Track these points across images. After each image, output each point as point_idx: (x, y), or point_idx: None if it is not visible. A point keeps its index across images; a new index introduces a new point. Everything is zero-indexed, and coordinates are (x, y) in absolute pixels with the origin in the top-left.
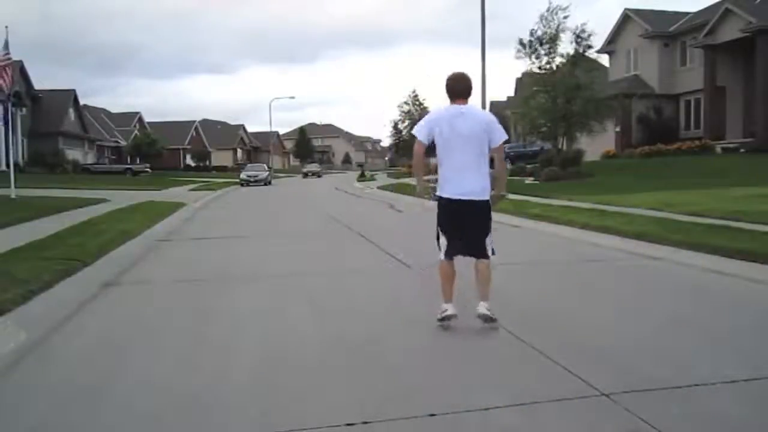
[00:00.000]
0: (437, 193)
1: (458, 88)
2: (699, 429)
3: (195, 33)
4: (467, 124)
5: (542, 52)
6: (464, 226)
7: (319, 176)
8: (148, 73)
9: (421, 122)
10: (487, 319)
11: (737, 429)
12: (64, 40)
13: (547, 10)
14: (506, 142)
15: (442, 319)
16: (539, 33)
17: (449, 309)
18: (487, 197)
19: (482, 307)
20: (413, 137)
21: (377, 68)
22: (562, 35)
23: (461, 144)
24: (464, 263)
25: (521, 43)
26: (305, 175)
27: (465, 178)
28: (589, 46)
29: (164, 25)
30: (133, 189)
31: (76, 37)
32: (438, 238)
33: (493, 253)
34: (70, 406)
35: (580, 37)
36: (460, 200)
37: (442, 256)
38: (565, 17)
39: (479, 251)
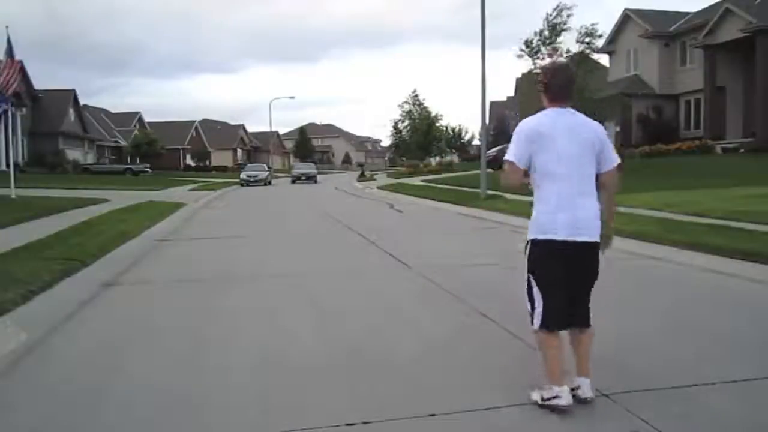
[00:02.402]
0: (532, 236)
1: (561, 81)
2: (699, 429)
3: (197, 32)
4: (582, 134)
5: (545, 51)
6: (574, 280)
7: (315, 181)
8: (150, 73)
9: (514, 138)
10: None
11: (737, 429)
12: (67, 39)
13: (554, 9)
14: (506, 141)
15: (549, 401)
16: (546, 33)
17: (563, 396)
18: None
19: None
20: (413, 137)
21: (379, 68)
22: (565, 35)
23: (576, 163)
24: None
25: (526, 42)
26: (295, 179)
27: (579, 209)
28: (594, 46)
29: (167, 25)
30: (133, 189)
31: (78, 37)
32: (533, 298)
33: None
34: (70, 406)
35: (589, 35)
36: (574, 242)
37: (538, 324)
38: (569, 16)
39: (585, 316)
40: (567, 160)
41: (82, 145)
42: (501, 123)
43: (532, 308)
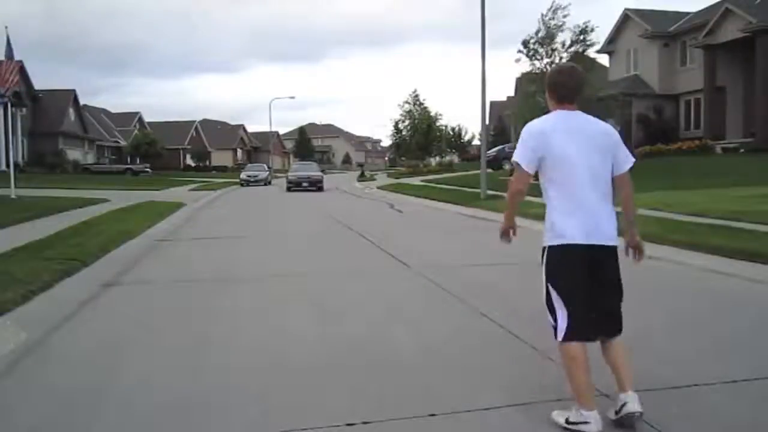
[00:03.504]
0: (548, 242)
1: (568, 83)
2: (699, 429)
3: (199, 32)
4: (593, 136)
5: (543, 52)
6: (597, 286)
7: (318, 187)
8: (151, 73)
9: (521, 140)
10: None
11: (737, 429)
12: (68, 39)
13: (549, 9)
14: (506, 142)
15: (575, 425)
16: (541, 33)
17: (593, 422)
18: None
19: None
20: (413, 137)
21: (380, 67)
22: (561, 34)
23: (587, 165)
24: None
25: (523, 43)
26: (292, 186)
27: (594, 213)
28: (590, 45)
29: (168, 24)
30: (133, 189)
31: (79, 36)
32: (554, 309)
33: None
34: (70, 406)
35: (583, 32)
36: (591, 246)
37: (561, 336)
38: (565, 16)
39: (616, 324)
40: (579, 163)
41: (82, 145)
42: (501, 123)
43: (555, 320)
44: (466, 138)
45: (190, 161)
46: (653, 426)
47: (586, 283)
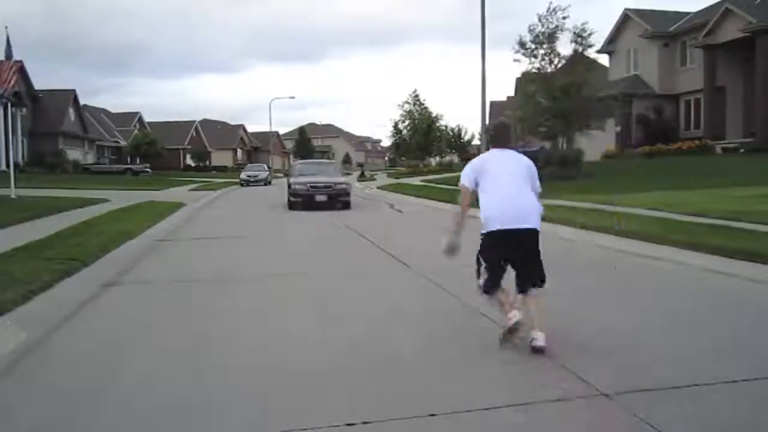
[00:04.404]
0: (482, 231)
1: (500, 135)
2: (699, 429)
3: (199, 32)
4: (515, 165)
5: (541, 52)
6: (520, 256)
7: (344, 203)
8: (151, 73)
9: (466, 169)
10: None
11: (737, 429)
12: (68, 39)
13: (547, 10)
14: None
15: (508, 327)
16: (537, 33)
17: (514, 318)
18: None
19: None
20: (413, 137)
21: (382, 67)
22: (560, 35)
23: (508, 182)
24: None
25: (520, 43)
26: (300, 200)
27: (514, 209)
28: (589, 46)
29: (168, 24)
30: (133, 189)
31: (80, 36)
32: (480, 274)
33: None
34: (70, 406)
35: (580, 36)
36: (509, 230)
37: (483, 290)
38: (564, 18)
39: (536, 279)
40: (501, 175)
41: (82, 145)
42: (501, 122)
43: (479, 279)
44: (466, 138)
45: (190, 161)
46: (653, 426)
47: (500, 255)
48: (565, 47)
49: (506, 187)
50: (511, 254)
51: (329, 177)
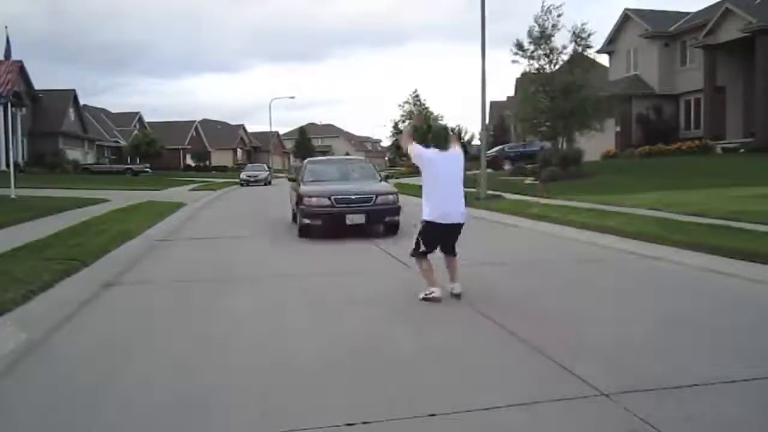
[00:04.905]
0: (424, 218)
1: (438, 139)
2: (699, 429)
3: (200, 32)
4: (452, 162)
5: (540, 52)
6: (446, 238)
7: (390, 225)
8: (153, 72)
9: (422, 150)
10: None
11: (737, 429)
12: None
13: (542, 10)
14: (506, 141)
15: (428, 296)
16: (535, 34)
17: (436, 292)
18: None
19: (459, 287)
20: (414, 136)
21: (382, 67)
22: (558, 34)
23: (447, 179)
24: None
25: (518, 45)
26: (311, 227)
27: (449, 205)
28: (588, 46)
29: (170, 24)
30: (133, 189)
31: (80, 36)
32: (418, 246)
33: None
34: (70, 406)
35: (579, 37)
36: (444, 224)
37: (416, 255)
38: (559, 15)
39: (453, 251)
40: (441, 177)
41: (82, 145)
42: (501, 123)
43: (416, 249)
44: (466, 138)
45: (190, 161)
46: (653, 426)
47: (437, 239)
48: (564, 46)
49: (445, 190)
50: (444, 239)
51: (363, 183)
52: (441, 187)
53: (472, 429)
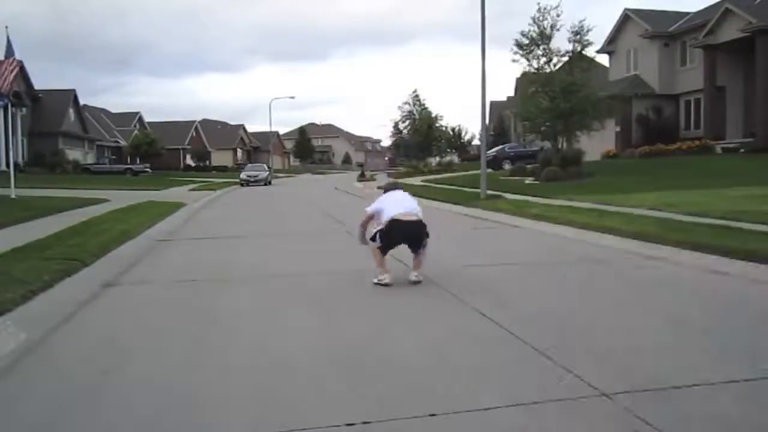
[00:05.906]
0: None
1: (390, 189)
2: (699, 429)
3: (201, 31)
4: (407, 202)
5: (539, 52)
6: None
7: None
8: (154, 72)
9: (374, 205)
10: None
11: (737, 429)
12: (71, 38)
13: (538, 10)
14: (506, 141)
15: (380, 281)
16: (533, 34)
17: (386, 278)
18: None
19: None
20: (413, 137)
21: (382, 67)
22: (557, 33)
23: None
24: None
25: (518, 44)
26: None
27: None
28: (588, 44)
29: (172, 23)
30: (133, 189)
31: (80, 35)
32: (375, 240)
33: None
34: (70, 406)
35: (578, 34)
36: (403, 222)
37: (377, 247)
38: (558, 15)
39: (418, 248)
40: (400, 204)
41: (82, 145)
42: (501, 123)
43: (374, 240)
44: (466, 138)
45: (190, 161)
46: (653, 426)
47: (397, 239)
48: (562, 45)
49: (399, 203)
50: (405, 237)
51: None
52: (399, 204)
53: (472, 429)
